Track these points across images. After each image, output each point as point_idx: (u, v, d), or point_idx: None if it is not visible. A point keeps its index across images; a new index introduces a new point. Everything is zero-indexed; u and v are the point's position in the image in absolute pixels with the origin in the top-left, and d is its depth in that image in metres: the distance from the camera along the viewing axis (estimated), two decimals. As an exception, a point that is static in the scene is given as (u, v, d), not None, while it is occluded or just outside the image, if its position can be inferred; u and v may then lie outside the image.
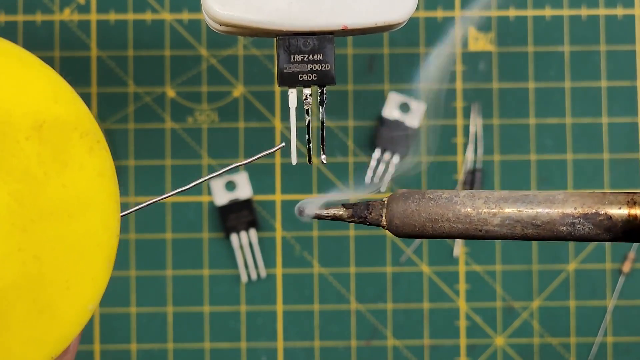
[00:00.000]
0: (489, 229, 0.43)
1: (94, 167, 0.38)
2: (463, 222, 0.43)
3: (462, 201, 0.43)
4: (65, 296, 0.37)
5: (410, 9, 0.47)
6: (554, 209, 0.42)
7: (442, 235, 0.43)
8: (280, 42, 0.46)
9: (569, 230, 0.42)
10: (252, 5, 0.46)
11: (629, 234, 0.42)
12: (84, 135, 0.37)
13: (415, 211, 0.43)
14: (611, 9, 0.72)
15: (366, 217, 0.44)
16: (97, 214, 0.38)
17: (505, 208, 0.42)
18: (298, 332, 0.71)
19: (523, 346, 0.71)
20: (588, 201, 0.42)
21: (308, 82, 0.47)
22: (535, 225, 0.42)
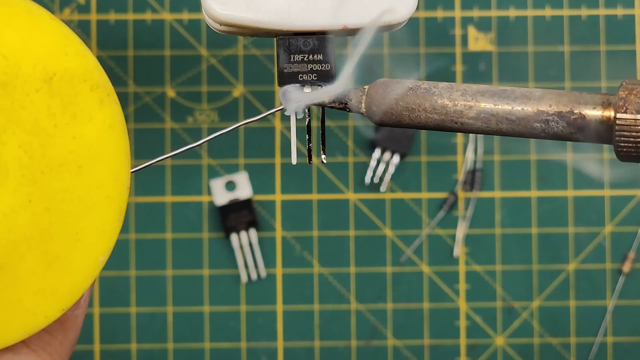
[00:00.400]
0: (464, 121, 0.43)
1: (104, 119, 0.38)
2: (439, 113, 0.43)
3: (440, 92, 0.43)
4: (75, 248, 0.37)
5: (411, 9, 0.47)
6: (530, 105, 0.42)
7: (419, 125, 0.43)
8: (280, 42, 0.46)
9: (542, 128, 0.42)
10: (252, 5, 0.46)
11: (601, 135, 0.41)
12: (94, 88, 0.38)
13: (394, 99, 0.43)
14: (611, 9, 0.72)
15: (346, 103, 0.44)
16: (107, 165, 0.38)
17: (481, 102, 0.42)
18: (298, 332, 0.71)
19: (523, 346, 0.71)
20: (564, 99, 0.42)
21: (308, 82, 0.47)
22: (510, 120, 0.42)
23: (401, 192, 0.72)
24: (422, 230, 0.71)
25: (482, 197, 0.72)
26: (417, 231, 0.71)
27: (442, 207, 0.71)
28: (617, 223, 0.72)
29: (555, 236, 0.71)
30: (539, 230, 0.71)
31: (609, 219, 0.72)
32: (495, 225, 0.71)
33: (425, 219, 0.71)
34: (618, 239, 0.72)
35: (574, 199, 0.72)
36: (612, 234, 0.72)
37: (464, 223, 0.71)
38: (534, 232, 0.71)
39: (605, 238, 0.72)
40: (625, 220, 0.72)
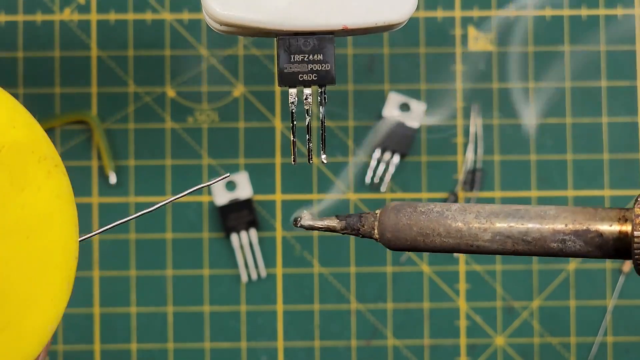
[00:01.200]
0: (480, 244, 0.42)
1: (52, 189, 0.38)
2: (454, 237, 0.42)
3: (454, 215, 0.43)
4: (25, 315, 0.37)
5: (411, 9, 0.47)
6: (545, 224, 0.42)
7: (434, 249, 0.43)
8: (280, 42, 0.46)
9: (559, 247, 0.42)
10: (252, 5, 0.46)
11: (620, 251, 0.41)
12: (41, 160, 0.38)
13: (407, 225, 0.43)
14: (611, 9, 0.72)
15: (359, 229, 0.44)
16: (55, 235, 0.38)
17: (496, 223, 0.42)
18: (298, 332, 0.71)
19: (523, 346, 0.71)
20: (579, 217, 0.42)
21: (308, 82, 0.47)
22: (526, 241, 0.42)
23: (401, 192, 0.72)
24: (422, 230, 0.71)
25: (482, 197, 0.72)
26: (417, 231, 0.71)
27: (442, 207, 0.71)
28: (617, 223, 0.72)
29: (555, 236, 0.71)
30: (539, 230, 0.71)
31: (609, 219, 0.72)
32: (495, 225, 0.71)
33: (425, 219, 0.71)
34: (618, 239, 0.72)
35: (574, 199, 0.72)
36: (612, 234, 0.72)
37: (464, 223, 0.71)
38: (534, 232, 0.71)
39: (605, 238, 0.72)
40: (625, 220, 0.72)
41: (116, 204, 0.71)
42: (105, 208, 0.71)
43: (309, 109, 0.48)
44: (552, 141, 0.72)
